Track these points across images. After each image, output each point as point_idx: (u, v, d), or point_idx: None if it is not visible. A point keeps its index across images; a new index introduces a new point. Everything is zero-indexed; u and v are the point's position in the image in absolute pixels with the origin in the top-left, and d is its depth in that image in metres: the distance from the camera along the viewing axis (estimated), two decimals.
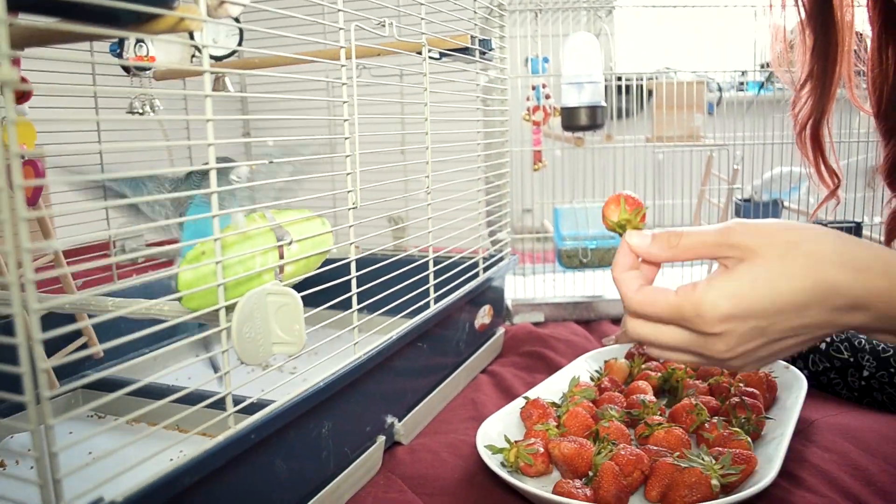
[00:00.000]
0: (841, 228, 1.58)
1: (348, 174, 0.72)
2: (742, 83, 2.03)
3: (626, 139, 1.82)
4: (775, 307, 0.53)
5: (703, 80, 1.80)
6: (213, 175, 0.51)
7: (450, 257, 1.08)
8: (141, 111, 1.16)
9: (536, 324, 1.48)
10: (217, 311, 0.55)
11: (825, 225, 1.56)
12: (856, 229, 1.66)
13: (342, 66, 0.72)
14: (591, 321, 1.52)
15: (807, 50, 0.98)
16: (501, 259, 1.28)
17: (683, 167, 1.83)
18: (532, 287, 1.58)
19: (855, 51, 0.98)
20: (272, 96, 0.87)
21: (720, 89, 2.28)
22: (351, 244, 0.73)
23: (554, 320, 1.51)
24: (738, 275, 0.54)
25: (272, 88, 1.43)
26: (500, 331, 1.31)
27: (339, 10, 0.71)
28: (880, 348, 1.01)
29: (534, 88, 1.47)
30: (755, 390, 0.94)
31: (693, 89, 1.75)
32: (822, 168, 0.98)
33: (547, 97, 1.47)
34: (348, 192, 0.72)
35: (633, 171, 1.70)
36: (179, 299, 0.59)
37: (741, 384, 0.95)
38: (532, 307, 1.51)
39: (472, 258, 1.16)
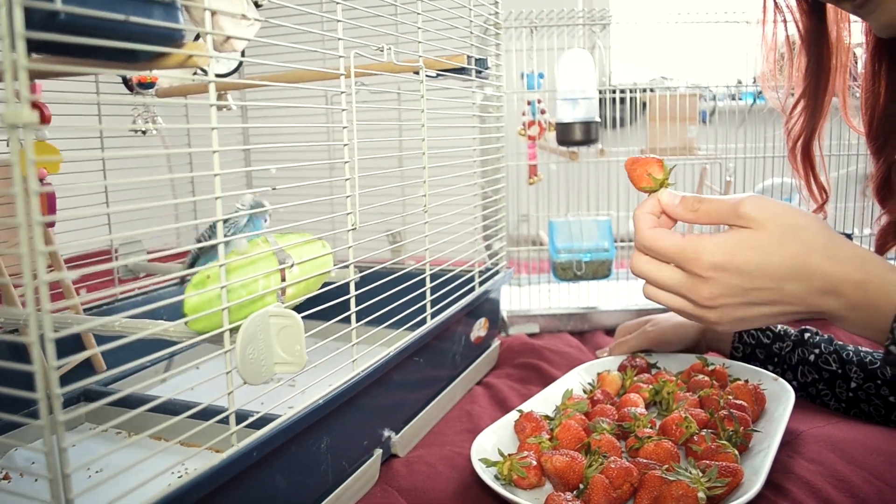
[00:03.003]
0: None
1: (348, 197, 0.74)
2: (734, 95, 2.05)
3: (621, 150, 1.85)
4: (760, 272, 0.62)
5: (695, 94, 1.82)
6: (218, 205, 0.54)
7: (447, 271, 1.10)
8: (143, 129, 1.19)
9: (531, 335, 1.50)
10: (222, 333, 0.58)
11: None
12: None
13: (342, 91, 0.74)
14: (586, 332, 1.54)
15: (800, 68, 1.00)
16: (497, 272, 1.30)
17: (678, 179, 1.85)
18: (528, 298, 1.60)
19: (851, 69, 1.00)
20: (272, 117, 0.90)
21: (714, 98, 2.31)
22: (350, 265, 0.76)
23: (549, 331, 1.53)
24: (738, 237, 0.63)
25: (273, 112, 1.45)
26: (496, 343, 1.34)
27: (339, 39, 0.74)
28: (867, 360, 1.03)
29: (529, 104, 1.50)
30: (744, 402, 0.96)
31: (686, 102, 1.78)
32: (812, 183, 1.00)
33: (542, 112, 1.49)
34: (348, 214, 0.74)
35: (627, 184, 1.72)
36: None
37: (730, 396, 0.97)
38: (527, 318, 1.53)
39: (468, 272, 1.18)
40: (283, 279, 0.67)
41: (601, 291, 1.63)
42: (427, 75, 0.99)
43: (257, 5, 0.59)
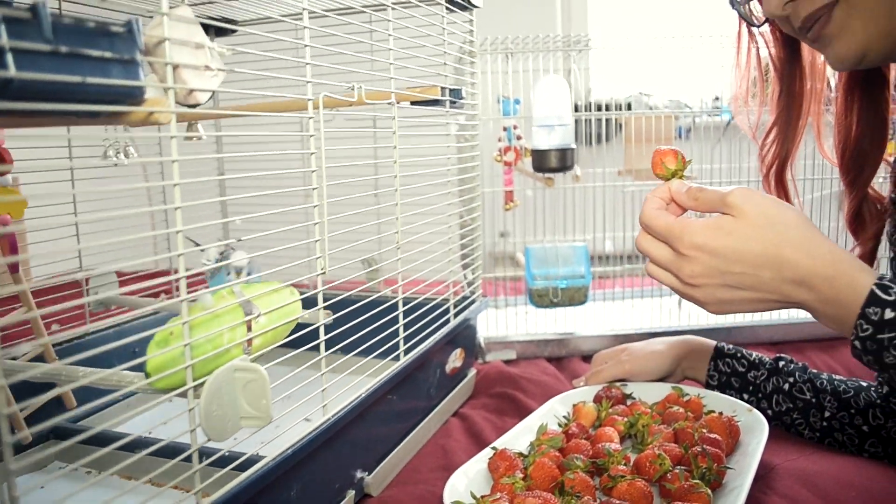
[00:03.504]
0: None
1: (317, 241, 0.73)
2: (711, 112, 2.06)
3: (597, 171, 1.85)
4: (736, 256, 0.67)
5: (671, 115, 1.83)
6: (180, 262, 0.53)
7: (425, 300, 1.10)
8: (115, 158, 1.17)
9: (508, 361, 1.50)
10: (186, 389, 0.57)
11: None
12: None
13: (311, 136, 0.73)
14: (563, 358, 1.54)
15: (773, 95, 1.01)
16: (473, 301, 1.30)
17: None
18: (504, 322, 1.60)
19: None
20: (245, 143, 0.89)
21: (694, 115, 2.32)
22: (319, 309, 0.75)
23: (526, 357, 1.53)
24: (720, 222, 0.69)
25: (248, 140, 1.44)
26: (472, 372, 1.33)
27: (308, 82, 0.73)
28: (841, 389, 1.04)
29: (505, 129, 1.50)
30: (718, 436, 0.96)
31: (662, 123, 1.79)
32: None
33: (518, 138, 1.49)
34: (317, 258, 0.74)
35: (603, 208, 1.73)
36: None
37: (704, 430, 0.97)
38: (504, 345, 1.53)
39: (444, 302, 1.18)
40: (250, 329, 0.66)
41: (578, 317, 1.63)
42: (401, 107, 0.99)
43: (221, 55, 0.58)
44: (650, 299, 1.92)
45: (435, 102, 1.07)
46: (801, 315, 1.67)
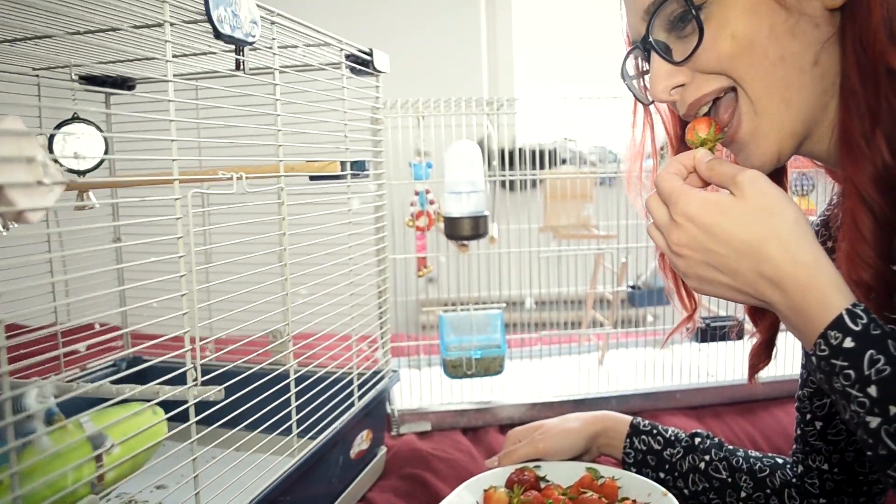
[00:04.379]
0: (718, 326, 1.60)
1: (185, 314, 0.67)
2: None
3: (512, 228, 1.83)
4: (722, 236, 0.66)
5: (590, 174, 1.83)
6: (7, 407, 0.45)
7: (326, 374, 1.04)
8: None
9: (422, 433, 1.44)
10: None
11: (706, 322, 1.56)
12: (740, 327, 1.69)
13: (178, 218, 0.67)
14: (480, 428, 1.49)
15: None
16: (382, 377, 1.24)
17: (576, 263, 1.84)
18: (419, 391, 1.54)
19: None
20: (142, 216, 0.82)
21: (616, 160, 2.33)
22: (193, 387, 0.68)
23: (441, 429, 1.47)
24: (719, 198, 0.68)
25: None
26: (381, 451, 1.26)
27: (173, 160, 0.67)
28: (757, 468, 1.01)
29: (417, 193, 1.46)
30: None
31: (579, 182, 1.78)
32: (683, 292, 0.97)
33: (431, 203, 1.45)
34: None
35: (519, 270, 1.70)
36: None
37: None
38: (419, 416, 1.47)
39: (347, 375, 1.12)
40: (101, 461, 0.59)
41: (495, 385, 1.58)
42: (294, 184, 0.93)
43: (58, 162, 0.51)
44: (568, 357, 1.90)
45: (336, 177, 1.02)
46: (718, 378, 1.66)
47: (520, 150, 1.69)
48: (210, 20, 0.71)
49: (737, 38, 0.70)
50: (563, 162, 2.47)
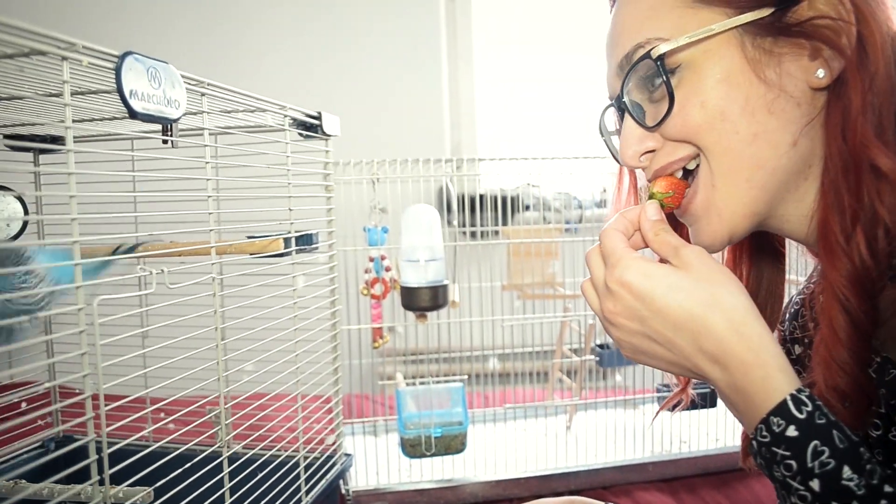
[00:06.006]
0: (699, 394, 1.53)
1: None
2: (600, 203, 2.02)
3: (473, 289, 1.75)
4: (659, 306, 0.60)
5: (556, 228, 1.77)
6: None
7: (271, 458, 0.96)
8: None
9: None
10: None
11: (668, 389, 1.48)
12: (710, 395, 1.63)
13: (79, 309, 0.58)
14: None
15: None
16: (334, 463, 1.14)
17: (541, 330, 1.77)
18: (375, 468, 1.44)
19: None
20: None
21: (581, 207, 2.28)
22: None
23: None
24: (662, 269, 0.62)
25: None
26: None
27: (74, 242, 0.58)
28: None
29: (372, 260, 1.37)
30: None
31: (543, 234, 1.72)
32: None
33: (387, 269, 1.37)
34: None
35: (482, 336, 1.63)
36: None
37: None
38: (376, 496, 1.37)
39: (292, 458, 1.02)
40: None
41: (456, 466, 1.48)
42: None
43: None
44: (534, 420, 1.81)
45: (281, 254, 0.94)
46: (692, 449, 1.59)
47: (481, 196, 1.63)
48: (122, 98, 0.63)
49: (707, 107, 0.64)
50: (527, 208, 2.43)
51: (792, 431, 0.55)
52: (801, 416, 0.55)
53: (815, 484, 0.53)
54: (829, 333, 0.63)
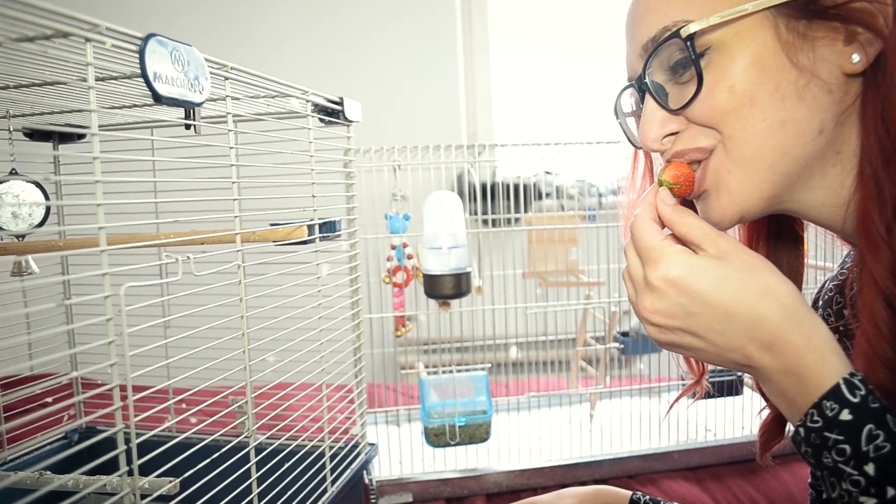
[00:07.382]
0: (722, 382, 1.51)
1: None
2: (618, 191, 2.00)
3: (496, 276, 1.74)
4: (708, 300, 0.59)
5: (573, 216, 1.75)
6: None
7: (297, 448, 0.96)
8: None
9: None
10: None
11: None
12: (737, 382, 1.61)
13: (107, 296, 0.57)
14: (465, 498, 1.38)
15: None
16: (358, 454, 1.13)
17: (565, 314, 1.76)
18: (399, 458, 1.43)
19: None
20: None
21: (600, 195, 2.25)
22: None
23: (424, 500, 1.36)
24: (704, 260, 0.60)
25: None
26: None
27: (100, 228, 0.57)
28: None
29: (394, 248, 1.36)
30: None
31: (565, 221, 1.70)
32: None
33: (409, 257, 1.35)
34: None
35: (504, 324, 1.61)
36: None
37: None
38: (399, 486, 1.36)
39: (317, 448, 1.01)
40: None
41: (480, 455, 1.47)
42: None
43: None
44: (558, 409, 1.80)
45: (303, 242, 0.92)
46: (717, 435, 1.57)
47: (499, 184, 1.61)
48: (146, 81, 0.61)
49: (735, 92, 0.61)
50: (545, 196, 2.41)
51: (846, 415, 0.54)
52: (855, 400, 0.54)
53: (869, 468, 0.52)
54: (871, 328, 0.61)
